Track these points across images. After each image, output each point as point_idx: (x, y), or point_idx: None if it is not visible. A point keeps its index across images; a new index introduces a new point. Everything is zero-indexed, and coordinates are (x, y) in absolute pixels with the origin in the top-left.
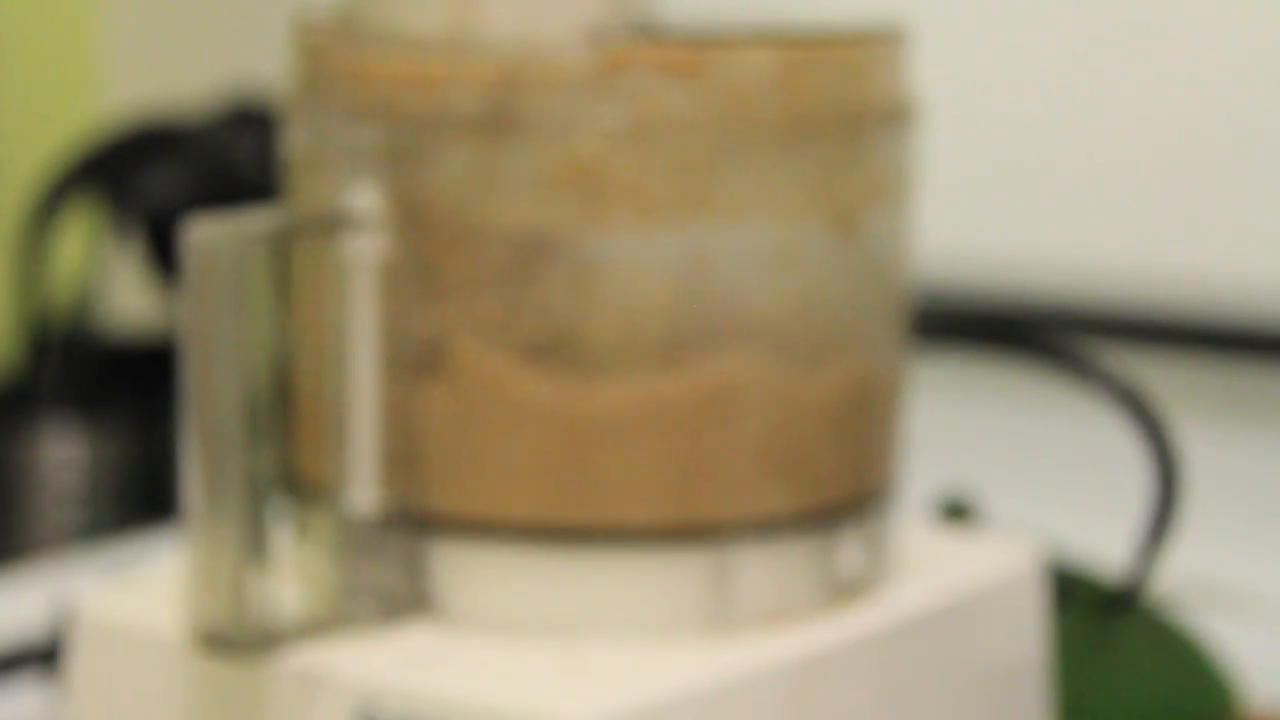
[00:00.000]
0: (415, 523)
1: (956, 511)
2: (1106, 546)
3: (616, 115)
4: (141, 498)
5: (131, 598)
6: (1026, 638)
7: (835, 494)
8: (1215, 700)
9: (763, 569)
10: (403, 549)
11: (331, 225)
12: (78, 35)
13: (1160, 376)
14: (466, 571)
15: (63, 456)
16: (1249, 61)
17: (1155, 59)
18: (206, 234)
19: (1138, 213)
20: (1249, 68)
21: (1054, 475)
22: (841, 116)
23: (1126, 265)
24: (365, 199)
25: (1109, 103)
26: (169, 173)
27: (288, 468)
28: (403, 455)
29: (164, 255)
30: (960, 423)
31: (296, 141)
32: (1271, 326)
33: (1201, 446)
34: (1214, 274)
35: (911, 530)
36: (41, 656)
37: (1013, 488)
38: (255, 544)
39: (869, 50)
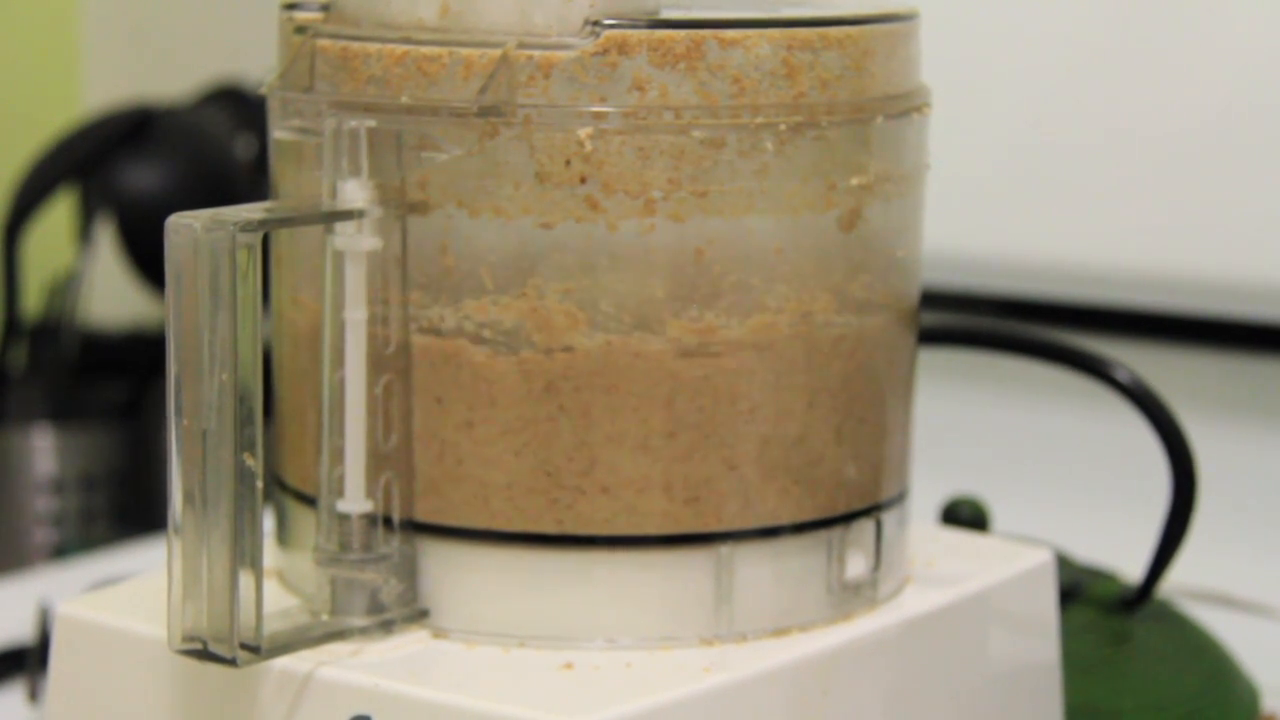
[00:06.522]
0: (407, 526)
1: (965, 513)
2: (1118, 546)
3: (614, 104)
4: (123, 499)
5: (113, 600)
6: (1039, 639)
7: (840, 496)
8: (1240, 704)
9: (766, 574)
10: (395, 553)
11: (320, 218)
12: (60, 28)
13: (1166, 373)
14: (461, 577)
15: (39, 454)
16: (1254, 60)
17: (1162, 54)
18: (189, 226)
19: (1143, 207)
20: (1254, 66)
21: (1064, 475)
22: (845, 104)
23: (1134, 260)
24: (355, 191)
25: (1113, 97)
26: (151, 165)
27: (275, 468)
28: (394, 456)
29: (146, 248)
30: (969, 423)
31: (283, 133)
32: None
33: (1207, 442)
34: (1221, 269)
35: (920, 532)
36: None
37: (1023, 488)
38: (244, 547)
39: (875, 35)
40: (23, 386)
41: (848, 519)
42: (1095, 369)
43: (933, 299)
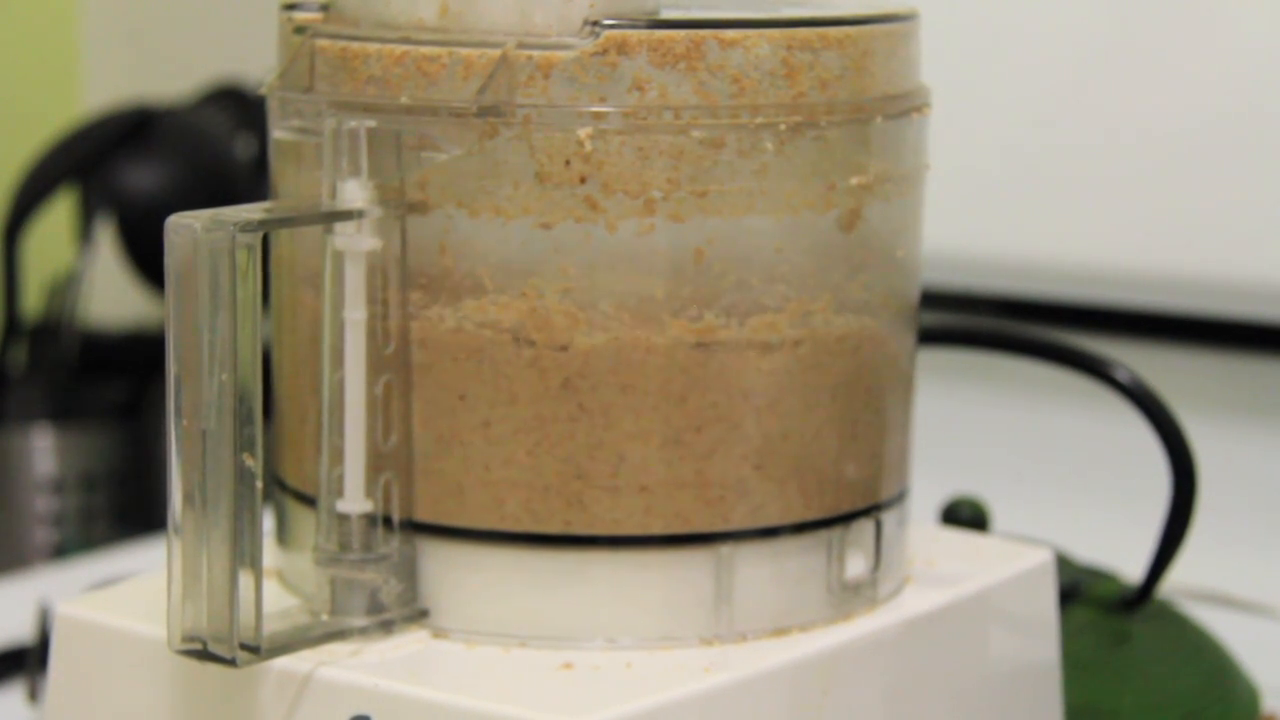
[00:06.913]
0: (407, 526)
1: (965, 513)
2: (1118, 546)
3: (613, 104)
4: (123, 499)
5: (113, 600)
6: (1039, 639)
7: (840, 496)
8: (1240, 704)
9: (766, 574)
10: (395, 553)
11: (320, 218)
12: (60, 28)
13: (1166, 373)
14: (461, 577)
15: (39, 454)
16: (1254, 60)
17: (1162, 55)
18: (189, 227)
19: (1143, 207)
20: (1254, 66)
21: (1064, 475)
22: (845, 104)
23: (1134, 260)
24: (354, 191)
25: (1113, 97)
26: (151, 165)
27: (274, 468)
28: (394, 456)
29: (146, 248)
30: (969, 423)
31: (283, 133)
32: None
33: (1207, 443)
34: (1221, 269)
35: (920, 532)
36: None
37: (1023, 488)
38: (243, 547)
39: (874, 35)
40: (23, 386)
41: (848, 519)
42: (1095, 369)
43: (933, 299)
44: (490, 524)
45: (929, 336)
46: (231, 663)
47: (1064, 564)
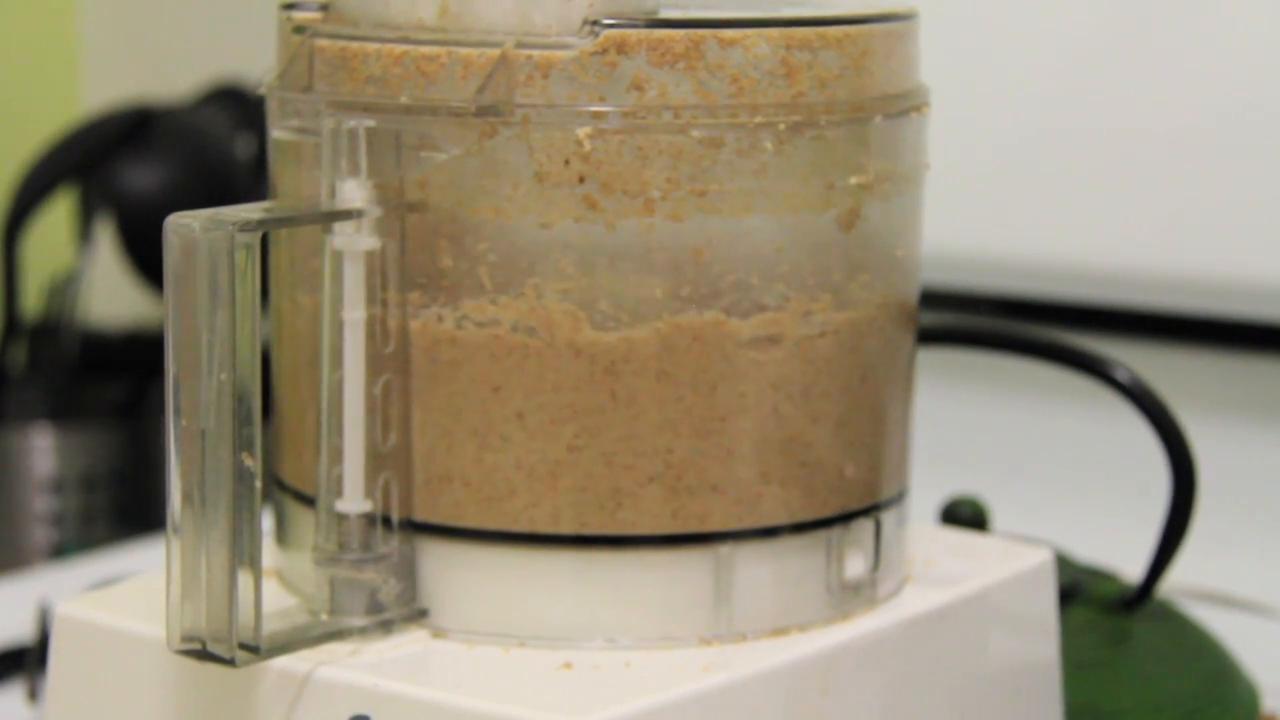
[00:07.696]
0: (406, 526)
1: (965, 513)
2: (1118, 546)
3: (613, 104)
4: (123, 499)
5: (113, 600)
6: (1039, 639)
7: (839, 496)
8: (1240, 704)
9: (765, 574)
10: (394, 553)
11: (319, 218)
12: (60, 28)
13: (1166, 373)
14: (460, 576)
15: (39, 454)
16: (1254, 59)
17: (1162, 54)
18: (188, 226)
19: (1143, 207)
20: (1254, 66)
21: (1064, 475)
22: (844, 104)
23: (1134, 260)
24: (353, 191)
25: (1113, 97)
26: (151, 165)
27: (274, 468)
28: (393, 456)
29: (146, 248)
30: (969, 423)
31: (282, 133)
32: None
33: (1207, 443)
34: (1221, 269)
35: (920, 532)
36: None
37: (1023, 488)
38: (242, 547)
39: (873, 35)
40: (23, 386)
41: (847, 519)
42: (1095, 369)
43: (933, 299)
44: (491, 524)
45: (929, 336)
46: (230, 663)
47: (1064, 564)
